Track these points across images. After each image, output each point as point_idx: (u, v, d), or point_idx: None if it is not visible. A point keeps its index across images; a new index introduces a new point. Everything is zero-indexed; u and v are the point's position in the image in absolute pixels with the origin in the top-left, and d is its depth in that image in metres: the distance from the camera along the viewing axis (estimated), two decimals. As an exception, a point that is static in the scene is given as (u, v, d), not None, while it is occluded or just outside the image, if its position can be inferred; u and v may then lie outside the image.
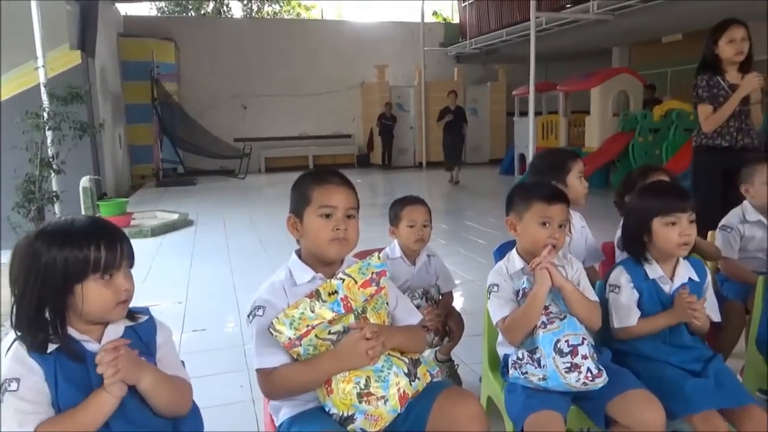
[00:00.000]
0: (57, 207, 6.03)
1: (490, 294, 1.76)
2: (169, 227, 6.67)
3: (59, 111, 5.94)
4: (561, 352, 1.59)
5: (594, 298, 1.72)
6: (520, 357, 1.66)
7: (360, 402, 1.37)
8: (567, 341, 1.59)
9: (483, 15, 13.52)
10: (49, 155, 5.94)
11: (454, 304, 2.60)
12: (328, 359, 1.39)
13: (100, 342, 1.23)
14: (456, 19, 16.74)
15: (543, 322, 1.64)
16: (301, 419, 1.44)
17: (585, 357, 1.57)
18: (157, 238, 6.24)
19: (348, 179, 1.58)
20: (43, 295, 1.17)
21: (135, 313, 1.32)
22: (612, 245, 2.34)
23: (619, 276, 1.80)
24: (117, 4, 12.46)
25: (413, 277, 2.39)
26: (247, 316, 1.49)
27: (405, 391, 1.41)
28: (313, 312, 1.41)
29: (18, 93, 7.00)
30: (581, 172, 2.29)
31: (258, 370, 1.44)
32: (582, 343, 1.59)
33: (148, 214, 7.50)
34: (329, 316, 1.42)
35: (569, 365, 1.57)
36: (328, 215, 1.49)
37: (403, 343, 1.50)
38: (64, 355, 1.18)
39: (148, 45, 11.89)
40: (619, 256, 2.01)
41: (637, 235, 1.79)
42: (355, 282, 1.47)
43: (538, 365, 1.61)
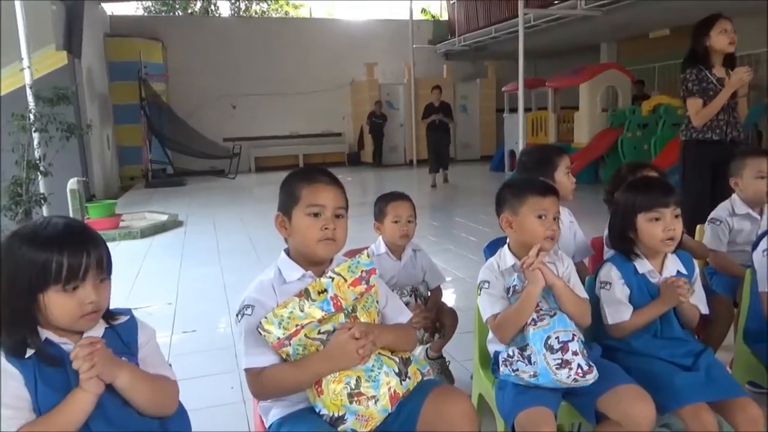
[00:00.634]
0: (45, 209, 5.98)
1: (480, 290, 1.76)
2: (159, 228, 6.63)
3: (46, 112, 5.90)
4: (551, 349, 1.58)
5: (584, 295, 1.72)
6: (511, 354, 1.66)
7: (350, 402, 1.36)
8: (557, 338, 1.59)
9: (471, 12, 13.53)
10: (36, 157, 5.89)
11: (445, 301, 2.60)
12: (318, 360, 1.38)
13: None
14: (445, 17, 16.75)
15: (533, 319, 1.64)
16: (291, 420, 1.43)
17: (575, 353, 1.57)
18: (147, 240, 6.20)
19: (337, 178, 1.57)
20: (12, 299, 1.14)
21: (115, 313, 1.30)
22: (601, 240, 2.34)
23: (609, 272, 1.80)
24: (103, 4, 12.35)
25: (399, 272, 2.39)
26: (236, 316, 1.48)
27: (396, 391, 1.41)
28: (302, 311, 1.40)
29: (3, 95, 6.93)
30: (568, 167, 2.30)
31: (247, 370, 1.43)
32: (572, 339, 1.59)
33: (137, 215, 7.45)
34: (319, 315, 1.41)
35: (560, 362, 1.57)
36: (317, 214, 1.48)
37: (394, 341, 1.49)
38: (41, 360, 1.16)
39: (135, 45, 11.80)
40: (608, 251, 2.01)
41: (623, 231, 1.80)
42: (345, 280, 1.46)
43: (529, 362, 1.61)
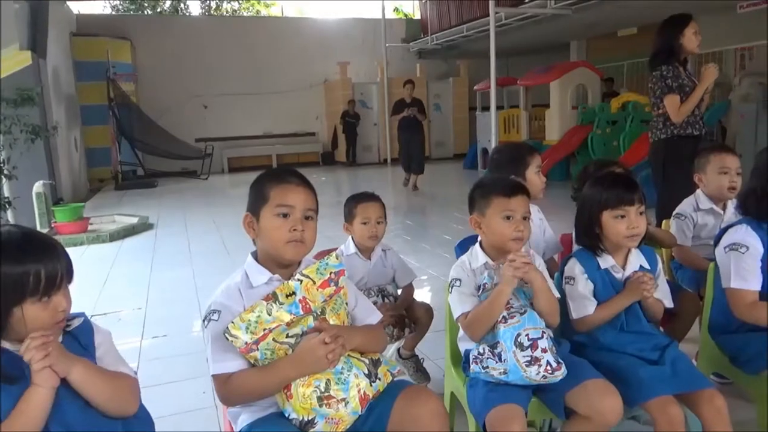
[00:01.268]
0: (9, 214, 5.84)
1: (452, 288, 1.76)
2: (129, 231, 6.51)
3: (9, 114, 5.75)
4: (521, 346, 1.60)
5: (556, 294, 1.74)
6: (481, 352, 1.67)
7: (320, 406, 1.35)
8: (527, 335, 1.61)
9: (443, 11, 13.58)
10: (0, 160, 5.74)
11: (419, 299, 2.60)
12: (287, 364, 1.37)
13: None
14: (417, 15, 16.78)
15: (504, 317, 1.65)
16: (261, 425, 1.41)
17: (545, 350, 1.58)
18: (116, 243, 6.07)
19: (308, 180, 1.56)
20: None
21: (69, 318, 1.27)
22: (570, 237, 2.37)
23: (573, 267, 1.82)
24: (68, 3, 12.10)
25: (369, 272, 2.39)
26: (203, 321, 1.45)
27: (365, 393, 1.40)
28: (270, 315, 1.39)
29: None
30: (539, 166, 2.33)
31: (214, 377, 1.41)
32: (542, 336, 1.60)
33: (106, 218, 7.30)
34: (287, 318, 1.39)
35: (529, 359, 1.58)
36: (286, 215, 1.46)
37: (363, 343, 1.48)
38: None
39: (103, 44, 11.55)
40: (577, 247, 2.04)
41: (588, 227, 1.82)
42: (314, 283, 1.45)
43: (499, 359, 1.62)
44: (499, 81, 9.38)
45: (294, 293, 1.42)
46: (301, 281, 1.44)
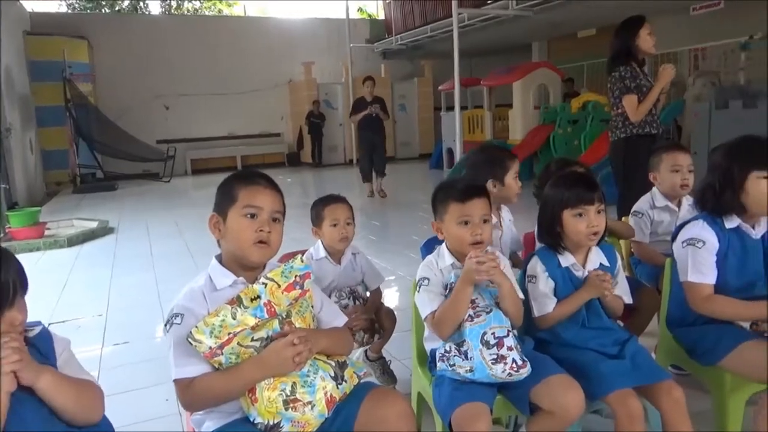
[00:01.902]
0: (-40, 220, 5.61)
1: (419, 287, 1.76)
2: (88, 236, 6.33)
3: (-42, 116, 5.52)
4: (487, 344, 1.61)
5: (520, 295, 1.76)
6: (448, 350, 1.68)
7: (286, 409, 1.34)
8: (493, 333, 1.62)
9: (407, 11, 13.64)
10: (-51, 164, 5.51)
11: (386, 300, 2.61)
12: (252, 366, 1.35)
13: None
14: (381, 16, 16.80)
15: (470, 315, 1.66)
16: (226, 431, 1.39)
17: (510, 348, 1.60)
18: (75, 248, 5.90)
19: (276, 183, 1.56)
20: None
21: (27, 327, 1.23)
22: (533, 235, 2.41)
23: (535, 266, 1.85)
24: (21, 1, 11.69)
25: (339, 276, 2.37)
26: (165, 325, 1.43)
27: (332, 395, 1.39)
28: (234, 319, 1.37)
29: None
30: (517, 172, 2.35)
31: (176, 381, 1.38)
32: (507, 335, 1.62)
33: (64, 222, 7.09)
34: (252, 322, 1.38)
35: (495, 357, 1.60)
36: (253, 215, 1.46)
37: (330, 346, 1.48)
38: None
39: (58, 43, 11.23)
40: (540, 245, 2.07)
41: (550, 225, 1.85)
42: (279, 286, 1.44)
43: (465, 357, 1.63)
44: (462, 81, 9.47)
45: (259, 297, 1.41)
46: (266, 284, 1.43)
